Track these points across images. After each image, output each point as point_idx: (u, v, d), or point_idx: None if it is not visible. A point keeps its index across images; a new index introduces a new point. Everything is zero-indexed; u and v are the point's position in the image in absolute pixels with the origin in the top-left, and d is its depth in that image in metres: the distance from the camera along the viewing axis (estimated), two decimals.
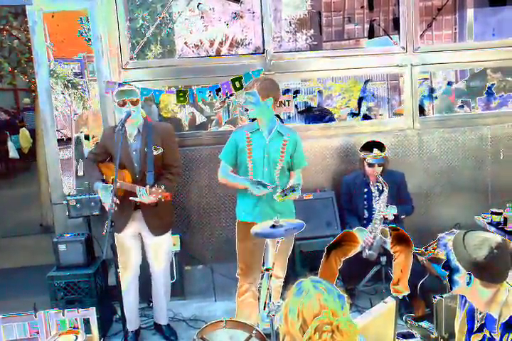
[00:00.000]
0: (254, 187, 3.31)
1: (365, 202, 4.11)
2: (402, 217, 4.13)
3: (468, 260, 2.01)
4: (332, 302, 1.75)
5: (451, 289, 2.16)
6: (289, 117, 6.33)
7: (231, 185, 3.55)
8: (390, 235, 3.87)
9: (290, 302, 1.78)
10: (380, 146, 4.07)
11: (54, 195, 4.53)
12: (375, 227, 3.93)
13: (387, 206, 3.93)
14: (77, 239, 3.93)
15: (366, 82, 9.33)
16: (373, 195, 4.06)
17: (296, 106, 7.77)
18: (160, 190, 3.29)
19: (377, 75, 12.46)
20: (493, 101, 7.21)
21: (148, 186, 3.33)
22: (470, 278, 2.03)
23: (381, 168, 4.01)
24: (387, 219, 3.96)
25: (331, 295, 1.78)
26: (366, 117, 5.61)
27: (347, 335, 1.69)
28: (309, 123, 5.58)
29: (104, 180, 3.55)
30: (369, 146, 4.09)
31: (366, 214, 4.11)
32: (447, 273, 2.16)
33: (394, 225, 4.01)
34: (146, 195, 3.32)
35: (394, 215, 3.98)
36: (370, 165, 4.01)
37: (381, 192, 3.97)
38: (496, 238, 2.06)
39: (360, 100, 8.10)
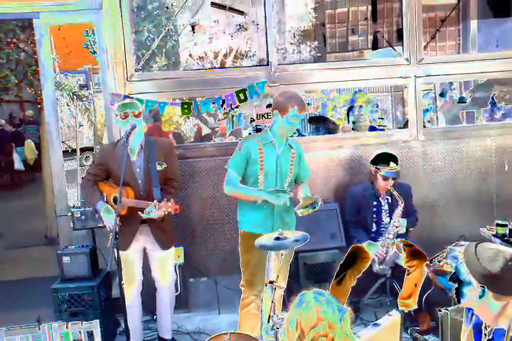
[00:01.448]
0: (274, 197, 3.29)
1: (374, 215, 4.05)
2: (411, 229, 4.11)
3: (482, 272, 1.99)
4: (330, 315, 1.75)
5: (458, 302, 2.14)
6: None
7: (240, 196, 3.49)
8: (404, 250, 3.83)
9: (290, 314, 1.79)
10: (395, 159, 4.01)
11: (59, 207, 4.54)
12: (388, 242, 3.88)
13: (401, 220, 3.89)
14: (81, 251, 3.92)
15: (355, 92, 9.36)
16: (383, 208, 4.00)
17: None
18: (170, 204, 3.29)
19: (381, 87, 12.50)
20: (497, 112, 7.21)
21: (155, 201, 3.32)
22: (483, 291, 2.00)
23: (393, 181, 3.96)
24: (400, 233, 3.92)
25: (330, 307, 1.78)
26: (373, 129, 5.61)
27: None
28: (316, 134, 5.60)
29: (103, 200, 3.50)
30: (385, 158, 4.00)
31: (374, 228, 4.05)
32: (454, 285, 2.13)
33: (405, 239, 3.98)
34: (154, 211, 3.31)
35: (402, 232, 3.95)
36: (385, 178, 3.94)
37: (391, 205, 3.93)
38: (509, 250, 2.05)
39: (349, 110, 8.11)
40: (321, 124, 5.66)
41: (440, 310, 3.25)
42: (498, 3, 13.93)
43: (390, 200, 3.97)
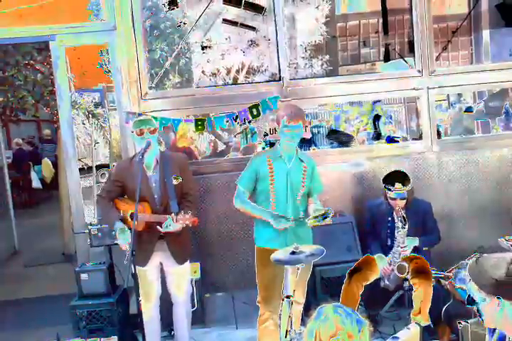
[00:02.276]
0: (275, 222, 3.32)
1: (389, 231, 4.02)
2: (425, 249, 4.03)
3: (491, 283, 1.98)
4: (349, 325, 1.75)
5: (483, 323, 2.12)
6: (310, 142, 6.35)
7: (248, 213, 3.53)
8: (408, 273, 3.78)
9: (309, 326, 1.80)
10: (403, 179, 3.91)
11: (76, 225, 4.59)
12: (394, 261, 3.86)
13: (407, 239, 3.84)
14: (98, 268, 3.97)
15: (375, 102, 9.33)
16: (396, 225, 3.95)
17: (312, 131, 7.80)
18: (187, 216, 3.32)
19: (395, 98, 12.49)
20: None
21: (173, 214, 3.35)
22: (500, 301, 1.98)
23: (404, 201, 3.89)
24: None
25: (349, 318, 1.79)
26: (391, 139, 5.62)
27: None
28: (331, 147, 5.62)
29: (121, 219, 3.53)
30: (392, 179, 3.94)
31: (389, 242, 4.02)
32: (474, 308, 2.11)
33: (415, 254, 3.94)
34: (172, 224, 3.33)
35: (415, 247, 3.92)
36: (392, 198, 3.90)
37: (404, 223, 3.88)
38: (507, 254, 2.04)
39: (375, 120, 8.08)
40: (335, 137, 5.67)
41: (460, 323, 3.21)
42: (510, 12, 13.91)
43: (404, 220, 3.89)
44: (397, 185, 3.87)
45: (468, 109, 8.45)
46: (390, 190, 3.89)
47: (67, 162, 4.62)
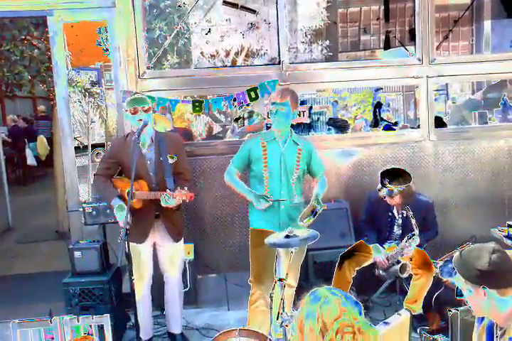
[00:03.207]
0: (256, 201, 3.37)
1: (389, 225, 4.03)
2: (425, 245, 4.02)
3: (475, 274, 2.02)
4: (351, 307, 1.74)
5: (473, 312, 2.16)
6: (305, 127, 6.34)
7: (235, 189, 3.60)
8: (407, 273, 3.78)
9: (307, 309, 1.77)
10: (402, 177, 3.79)
11: (70, 202, 4.58)
12: (393, 257, 3.84)
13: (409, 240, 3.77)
14: (92, 246, 3.95)
15: (377, 90, 9.31)
16: (396, 221, 3.97)
17: (309, 117, 7.80)
18: (184, 192, 3.32)
19: (393, 86, 12.46)
20: (510, 113, 7.16)
21: (168, 190, 3.36)
22: (486, 291, 2.01)
23: (398, 197, 3.77)
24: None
25: (349, 300, 1.78)
26: (389, 126, 5.63)
27: (368, 337, 1.68)
28: (328, 133, 5.63)
29: (119, 196, 3.54)
30: (388, 177, 3.83)
31: (387, 234, 4.05)
32: (464, 299, 2.15)
33: (419, 247, 3.93)
34: (171, 199, 3.34)
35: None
36: (389, 195, 3.81)
37: (404, 220, 3.87)
38: (489, 244, 2.09)
39: (376, 108, 8.07)
40: (333, 124, 5.68)
41: (450, 310, 3.25)
42: None
43: (404, 215, 3.87)
44: (395, 183, 3.78)
45: (453, 100, 8.47)
46: (382, 187, 3.84)
47: (62, 139, 4.58)
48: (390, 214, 4.00)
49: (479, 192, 4.71)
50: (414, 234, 3.73)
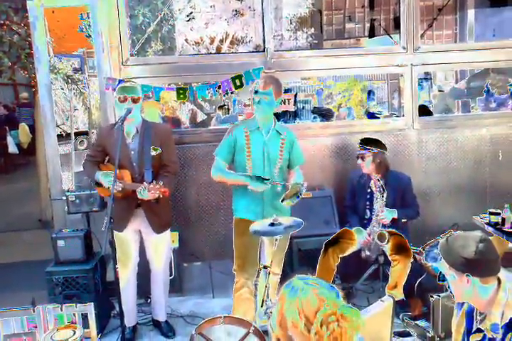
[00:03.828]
0: (253, 183, 3.32)
1: (367, 203, 4.10)
2: (404, 220, 4.10)
3: (461, 261, 2.06)
4: (328, 294, 1.74)
5: (453, 297, 2.20)
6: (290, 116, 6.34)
7: (226, 181, 3.53)
8: (388, 241, 3.85)
9: (286, 304, 1.75)
10: (368, 140, 4.07)
11: (53, 191, 4.53)
12: (374, 230, 3.93)
13: (385, 209, 3.91)
14: (75, 235, 3.92)
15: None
16: (375, 196, 4.03)
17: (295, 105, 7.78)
18: (158, 186, 3.28)
19: (377, 75, 12.46)
20: (492, 102, 7.22)
21: (145, 183, 3.32)
22: (470, 278, 2.05)
23: (366, 162, 3.96)
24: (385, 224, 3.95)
25: (324, 287, 1.78)
26: (372, 115, 5.64)
27: (351, 320, 1.69)
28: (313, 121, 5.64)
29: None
30: (360, 142, 4.11)
31: (368, 214, 4.09)
32: (446, 284, 2.19)
33: (395, 230, 4.00)
34: (145, 192, 3.31)
35: (394, 219, 3.97)
36: (357, 157, 4.04)
37: (383, 192, 3.95)
38: (476, 233, 2.14)
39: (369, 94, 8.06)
40: (318, 112, 5.68)
41: (432, 296, 3.30)
42: None
43: (382, 190, 3.97)
44: (360, 144, 4.05)
45: (439, 89, 8.52)
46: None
47: (45, 127, 4.52)
48: (369, 191, 4.06)
49: (462, 180, 4.76)
50: (382, 196, 3.85)
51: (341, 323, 1.66)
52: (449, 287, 2.18)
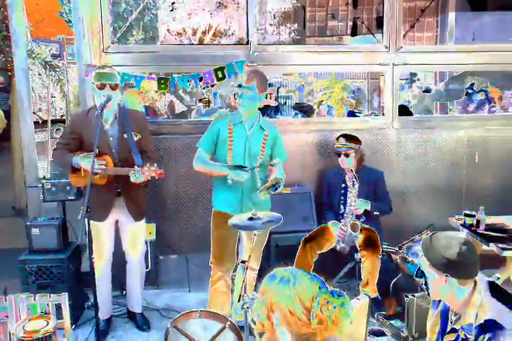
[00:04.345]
0: (234, 173, 3.29)
1: (342, 197, 4.17)
2: (376, 213, 4.15)
3: (442, 261, 2.08)
4: (317, 280, 1.80)
5: (429, 295, 2.22)
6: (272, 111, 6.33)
7: (208, 172, 3.51)
8: (361, 230, 3.90)
9: (276, 295, 1.76)
10: (348, 137, 4.15)
11: (29, 178, 4.46)
12: (347, 221, 3.98)
13: (357, 200, 3.97)
14: (51, 223, 3.86)
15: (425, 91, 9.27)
16: (349, 189, 4.07)
17: (276, 100, 7.79)
18: (153, 168, 3.24)
19: (358, 74, 12.51)
20: (470, 105, 7.33)
21: (137, 166, 3.27)
22: (448, 279, 2.08)
23: (348, 159, 4.08)
24: (359, 215, 4.01)
25: (310, 275, 1.83)
26: (352, 113, 5.68)
27: (345, 303, 1.75)
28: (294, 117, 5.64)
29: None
30: (338, 136, 4.20)
31: (342, 209, 4.15)
32: (422, 280, 2.21)
33: (368, 226, 4.05)
34: (140, 175, 3.26)
35: (366, 211, 4.04)
36: (337, 153, 4.14)
37: (354, 183, 3.99)
38: (460, 234, 2.17)
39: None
40: (299, 108, 5.69)
41: (407, 296, 3.34)
42: None
43: (355, 179, 4.01)
44: (341, 139, 4.13)
45: (427, 90, 8.61)
46: (335, 146, 4.17)
47: (21, 112, 4.44)
48: (344, 185, 4.14)
49: (438, 181, 4.81)
50: (354, 186, 3.94)
51: (337, 306, 1.71)
52: (425, 285, 2.21)
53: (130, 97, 5.59)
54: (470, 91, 7.01)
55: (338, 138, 4.19)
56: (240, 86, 3.40)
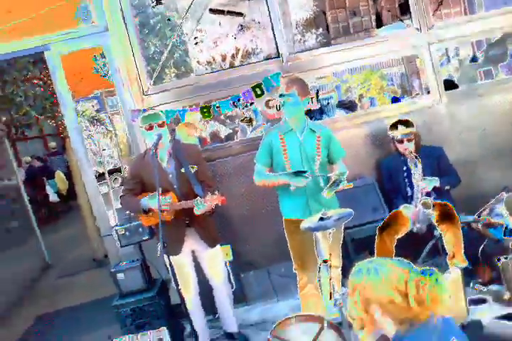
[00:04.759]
0: (293, 178, 3.31)
1: (407, 180, 4.12)
2: (447, 188, 4.07)
3: None
4: (403, 263, 1.81)
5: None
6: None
7: (270, 184, 3.51)
8: (433, 207, 3.83)
9: (369, 288, 1.76)
10: (406, 123, 4.12)
11: (102, 228, 4.62)
12: (417, 201, 3.92)
13: (424, 179, 3.91)
14: (133, 266, 3.98)
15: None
16: (412, 171, 4.02)
17: (318, 102, 7.76)
18: (215, 197, 3.32)
19: (393, 61, 12.28)
20: None
21: (198, 197, 3.36)
22: None
23: (411, 143, 4.05)
24: (429, 192, 3.93)
25: (393, 261, 1.84)
26: (396, 99, 5.59)
27: (439, 278, 1.74)
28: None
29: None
30: (394, 125, 4.16)
31: (410, 192, 4.10)
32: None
33: (439, 200, 3.96)
34: (203, 205, 3.33)
35: (436, 188, 3.96)
36: (399, 141, 4.08)
37: (418, 165, 3.95)
38: None
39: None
40: (342, 105, 5.65)
41: (499, 259, 3.22)
42: None
43: (418, 163, 3.96)
44: (400, 127, 4.10)
45: (474, 59, 8.35)
46: (392, 134, 4.13)
47: (81, 169, 4.60)
48: (405, 168, 4.10)
49: (502, 144, 4.64)
50: (416, 166, 3.90)
51: (432, 284, 1.71)
52: None
53: (181, 131, 5.73)
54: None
55: (395, 126, 4.15)
56: (281, 95, 3.44)
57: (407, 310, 1.70)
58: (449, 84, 5.07)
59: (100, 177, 9.25)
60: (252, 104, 4.84)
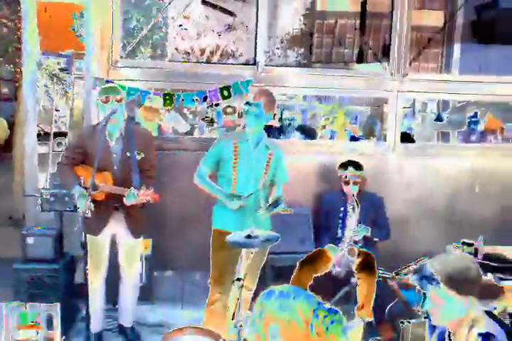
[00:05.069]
0: (228, 201, 3.32)
1: (340, 221, 4.13)
2: (376, 240, 4.13)
3: (465, 283, 2.10)
4: (314, 297, 1.84)
5: (421, 306, 2.22)
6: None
7: (205, 190, 3.52)
8: (358, 255, 3.87)
9: (274, 309, 1.77)
10: (356, 165, 4.14)
11: (28, 187, 4.45)
12: (345, 246, 3.93)
13: (358, 226, 3.94)
14: (46, 233, 3.83)
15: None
16: (348, 214, 4.06)
17: (280, 121, 7.85)
18: (149, 192, 3.26)
19: (362, 100, 12.60)
20: (473, 135, 7.37)
21: (133, 188, 3.27)
22: (463, 297, 2.08)
23: (356, 186, 4.07)
24: (356, 241, 3.96)
25: (307, 292, 1.89)
26: (354, 138, 5.72)
27: (340, 319, 1.77)
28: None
29: (80, 184, 3.39)
30: (345, 164, 4.18)
31: (340, 234, 4.11)
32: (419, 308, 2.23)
33: (365, 250, 4.01)
34: (134, 197, 3.26)
35: (365, 237, 4.00)
36: (346, 182, 4.10)
37: (356, 208, 3.97)
38: (465, 254, 2.26)
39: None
40: (303, 130, 5.73)
41: (402, 322, 3.30)
42: (483, 29, 14.24)
43: (355, 207, 3.98)
44: (350, 168, 4.12)
45: (439, 118, 8.66)
46: (342, 174, 4.13)
47: (26, 123, 4.45)
48: (343, 209, 4.14)
49: (438, 209, 4.79)
50: (354, 211, 3.90)
51: (335, 321, 1.74)
52: (426, 313, 2.19)
53: (143, 114, 5.62)
54: (473, 119, 7.07)
55: (345, 166, 4.16)
56: (247, 103, 3.43)
57: (306, 337, 1.72)
58: (406, 137, 5.23)
59: (45, 136, 8.90)
60: (217, 105, 4.80)
